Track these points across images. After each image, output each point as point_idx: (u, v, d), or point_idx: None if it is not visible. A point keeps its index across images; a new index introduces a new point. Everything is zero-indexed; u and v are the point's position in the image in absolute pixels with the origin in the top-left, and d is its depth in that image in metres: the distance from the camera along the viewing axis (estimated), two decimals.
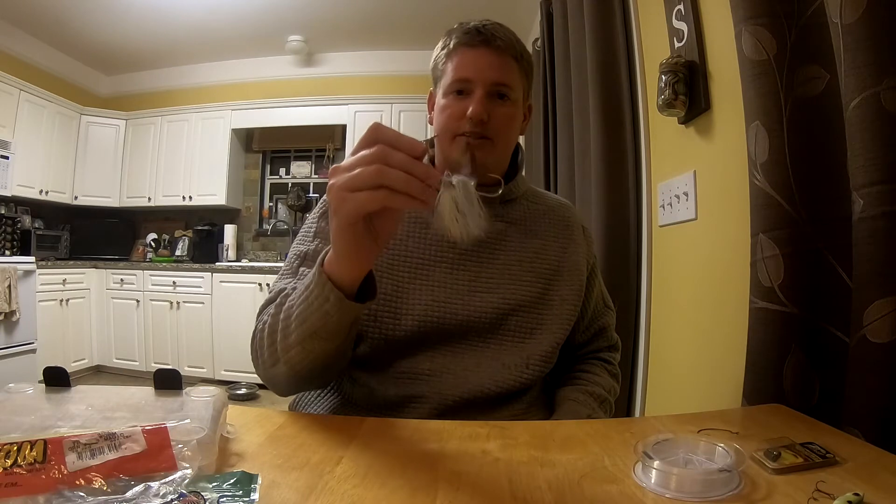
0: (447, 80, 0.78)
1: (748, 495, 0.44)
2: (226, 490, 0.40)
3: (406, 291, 0.75)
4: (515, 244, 0.81)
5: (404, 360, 0.75)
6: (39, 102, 3.74)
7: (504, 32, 0.78)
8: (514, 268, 0.80)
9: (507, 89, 0.77)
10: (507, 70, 0.77)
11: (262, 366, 0.68)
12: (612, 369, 0.92)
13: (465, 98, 0.76)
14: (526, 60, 0.81)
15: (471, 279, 0.77)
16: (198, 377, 3.67)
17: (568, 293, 0.82)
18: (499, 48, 0.76)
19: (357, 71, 4.26)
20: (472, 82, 0.76)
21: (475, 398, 0.73)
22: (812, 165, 0.78)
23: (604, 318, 0.93)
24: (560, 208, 0.90)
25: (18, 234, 3.66)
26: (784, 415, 0.67)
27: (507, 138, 0.80)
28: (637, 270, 1.59)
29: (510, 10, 3.27)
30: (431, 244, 0.78)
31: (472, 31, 0.77)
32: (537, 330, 0.79)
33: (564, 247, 0.85)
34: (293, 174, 4.49)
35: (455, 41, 0.78)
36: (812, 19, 0.80)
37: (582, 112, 1.85)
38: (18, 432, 0.42)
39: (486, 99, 0.75)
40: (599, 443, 0.56)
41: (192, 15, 3.57)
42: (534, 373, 0.78)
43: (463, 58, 0.77)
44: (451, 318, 0.75)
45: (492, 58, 0.76)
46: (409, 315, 0.74)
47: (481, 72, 0.76)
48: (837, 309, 0.74)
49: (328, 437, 0.56)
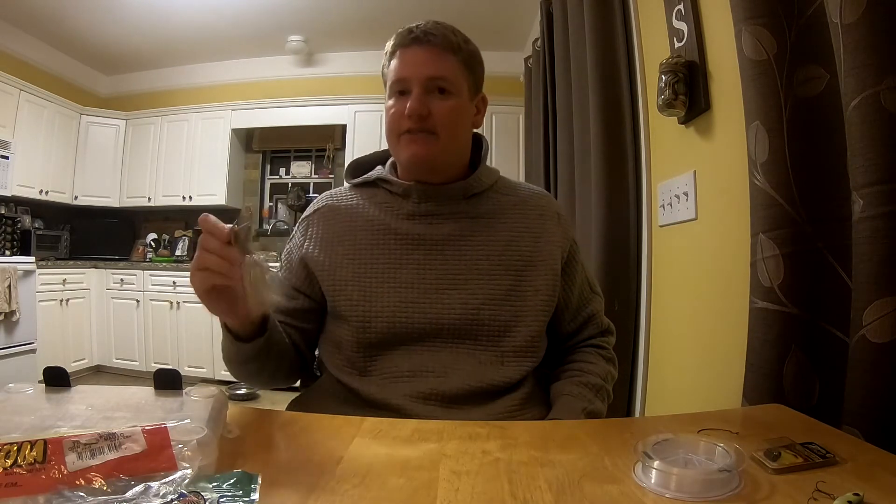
0: (389, 83, 0.81)
1: (748, 495, 0.43)
2: (226, 490, 0.40)
3: (374, 296, 0.77)
4: (482, 238, 0.81)
5: (383, 363, 0.77)
6: (39, 102, 3.74)
7: (439, 29, 0.80)
8: (481, 262, 0.80)
9: (445, 82, 0.79)
10: (441, 64, 0.79)
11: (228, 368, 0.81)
12: (607, 353, 0.90)
13: (405, 97, 0.79)
14: (466, 52, 0.82)
15: (438, 277, 0.78)
16: (198, 377, 3.67)
17: (542, 284, 0.81)
18: (431, 44, 0.79)
19: (357, 71, 4.26)
20: (409, 80, 0.78)
21: (458, 395, 0.74)
22: (812, 165, 0.78)
23: (591, 305, 0.91)
24: (533, 198, 0.88)
25: (18, 234, 3.66)
26: (784, 415, 0.67)
27: (453, 132, 0.81)
28: (637, 270, 1.59)
29: (510, 9, 3.28)
30: (397, 248, 0.80)
31: (405, 33, 0.80)
32: (511, 323, 0.78)
33: (537, 237, 0.83)
34: (293, 174, 4.49)
35: (393, 44, 0.82)
36: (812, 19, 0.80)
37: (582, 112, 1.85)
38: (18, 432, 0.42)
39: (423, 95, 0.78)
40: (599, 443, 0.56)
41: (192, 15, 3.56)
42: (512, 368, 0.77)
43: (399, 59, 0.80)
44: (421, 318, 0.76)
45: (425, 54, 0.79)
46: (378, 318, 0.76)
47: (415, 69, 0.78)
48: (837, 309, 0.74)
49: (328, 437, 0.56)
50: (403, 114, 0.78)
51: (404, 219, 0.82)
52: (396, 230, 0.81)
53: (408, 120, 0.77)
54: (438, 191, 0.82)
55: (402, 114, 0.78)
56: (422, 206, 0.82)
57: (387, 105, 0.82)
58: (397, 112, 0.79)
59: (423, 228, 0.81)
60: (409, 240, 0.80)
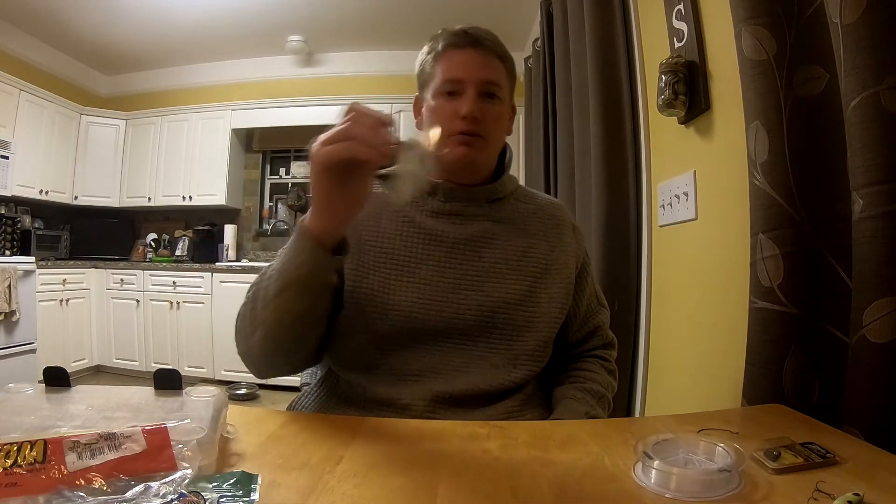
0: (437, 82, 0.80)
1: (748, 495, 0.44)
2: (226, 490, 0.40)
3: (392, 288, 0.76)
4: (502, 242, 0.82)
5: (393, 359, 0.76)
6: (39, 102, 3.74)
7: (490, 34, 0.81)
8: (500, 266, 0.80)
9: (497, 88, 0.80)
10: (495, 69, 0.80)
11: (242, 340, 0.72)
12: (609, 366, 0.92)
13: (455, 98, 0.78)
14: (510, 61, 0.84)
15: (457, 277, 0.78)
16: (198, 377, 3.67)
17: (556, 292, 0.82)
18: (485, 48, 0.79)
19: (357, 71, 4.26)
20: (463, 82, 0.78)
21: (465, 396, 0.74)
22: (812, 165, 0.78)
23: (598, 317, 0.93)
24: (550, 207, 0.90)
25: (18, 234, 3.66)
26: (784, 415, 0.67)
27: (498, 136, 0.83)
28: (637, 270, 1.59)
29: (510, 10, 3.27)
30: (418, 243, 0.79)
31: (459, 34, 0.80)
32: (524, 328, 0.79)
33: (553, 245, 0.85)
34: (293, 174, 4.49)
35: (443, 44, 0.81)
36: (812, 19, 0.80)
37: (582, 112, 1.85)
38: (18, 432, 0.42)
39: (477, 98, 0.78)
40: (599, 443, 0.56)
41: (192, 15, 3.56)
42: (522, 371, 0.78)
43: (452, 59, 0.79)
44: (436, 316, 0.76)
45: (481, 58, 0.79)
46: (395, 311, 0.75)
47: (472, 71, 0.78)
48: (837, 309, 0.74)
49: (328, 437, 0.56)
50: (455, 115, 0.77)
51: (428, 215, 0.81)
52: (420, 225, 0.80)
53: (462, 122, 0.77)
54: (465, 192, 0.82)
55: (454, 114, 0.77)
56: (447, 205, 0.82)
57: (431, 104, 0.81)
58: (448, 113, 0.78)
59: (446, 226, 0.80)
60: (431, 237, 0.79)
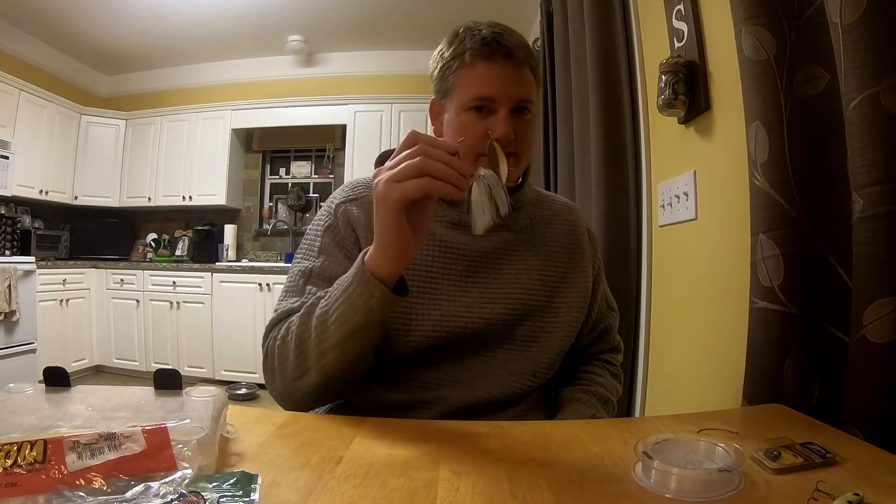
0: (465, 97, 0.73)
1: (748, 495, 0.43)
2: (226, 490, 0.40)
3: (415, 306, 0.73)
4: (522, 252, 0.81)
5: (412, 370, 0.74)
6: (39, 102, 3.74)
7: (518, 39, 0.74)
8: (521, 276, 0.79)
9: (529, 103, 0.75)
10: (527, 84, 0.74)
11: (283, 381, 0.68)
12: (614, 370, 0.92)
13: (485, 116, 0.73)
14: (538, 67, 0.78)
15: (480, 291, 0.76)
16: (198, 377, 3.67)
17: (574, 300, 0.82)
18: (516, 59, 0.72)
19: (357, 71, 4.26)
20: (496, 100, 0.72)
21: (479, 404, 0.73)
22: (812, 165, 0.78)
23: (607, 321, 0.93)
24: (565, 212, 0.89)
25: (18, 234, 3.66)
26: (784, 415, 0.67)
27: (530, 152, 0.79)
28: (637, 270, 1.59)
29: (510, 10, 3.27)
30: (438, 258, 0.76)
31: (490, 42, 0.72)
32: (543, 337, 0.78)
33: (571, 253, 0.85)
34: (293, 174, 4.49)
35: (471, 53, 0.73)
36: (812, 19, 0.80)
37: (582, 112, 1.85)
38: (18, 432, 0.42)
39: (510, 116, 0.72)
40: (599, 443, 0.56)
41: (192, 15, 3.56)
42: (539, 380, 0.78)
43: (482, 73, 0.72)
44: (461, 332, 0.74)
45: (513, 72, 0.73)
46: (418, 331, 0.73)
47: (505, 89, 0.72)
48: (837, 309, 0.74)
49: (328, 437, 0.56)
50: (485, 135, 0.71)
51: (447, 226, 0.78)
52: (441, 238, 0.77)
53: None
54: None
55: (483, 135, 0.71)
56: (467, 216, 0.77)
57: (456, 120, 0.75)
58: (478, 132, 0.72)
59: (467, 239, 0.77)
60: (452, 250, 0.77)
